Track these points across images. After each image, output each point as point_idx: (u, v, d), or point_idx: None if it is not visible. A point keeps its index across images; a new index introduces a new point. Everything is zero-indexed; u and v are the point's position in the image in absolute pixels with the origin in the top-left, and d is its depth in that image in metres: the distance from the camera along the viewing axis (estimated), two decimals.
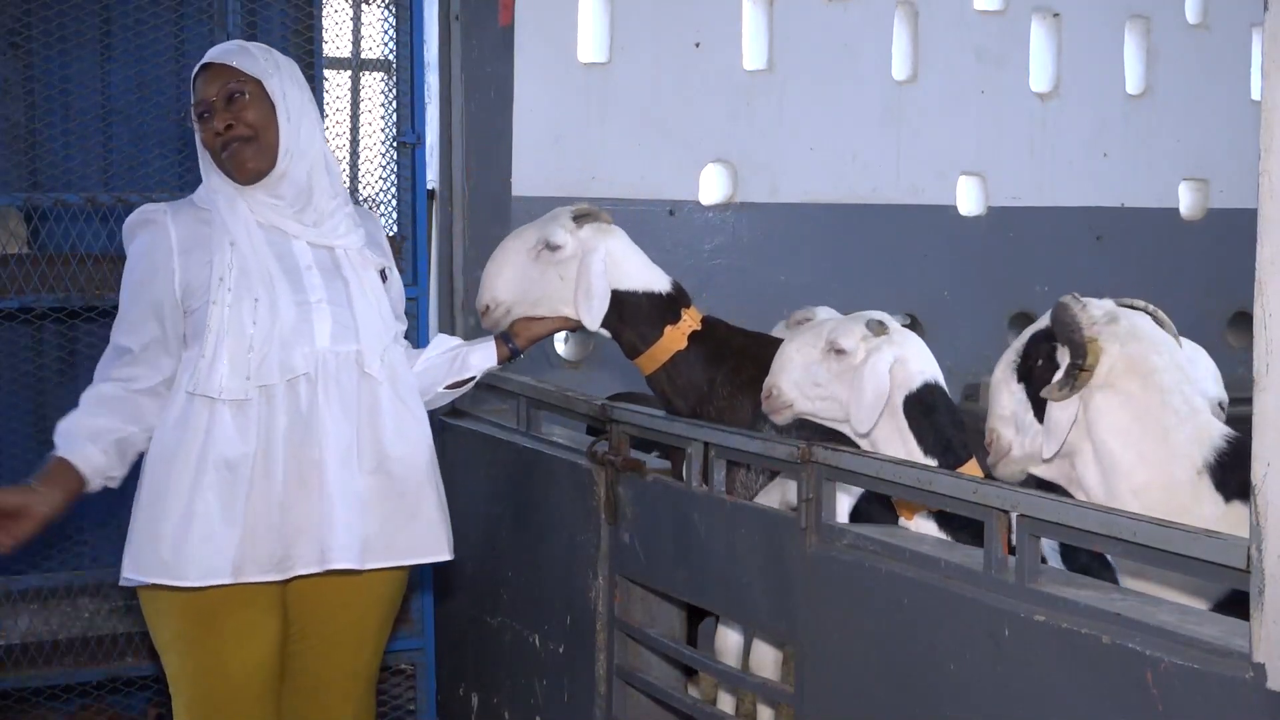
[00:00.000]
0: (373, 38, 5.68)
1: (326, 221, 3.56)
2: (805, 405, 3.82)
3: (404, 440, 3.56)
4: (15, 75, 5.44)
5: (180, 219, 3.51)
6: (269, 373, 3.40)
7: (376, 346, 3.53)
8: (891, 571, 3.25)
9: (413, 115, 5.24)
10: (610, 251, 4.22)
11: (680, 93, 6.97)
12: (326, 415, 3.43)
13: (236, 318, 3.40)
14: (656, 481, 4.18)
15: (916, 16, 7.42)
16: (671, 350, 4.23)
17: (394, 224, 5.31)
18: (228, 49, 3.58)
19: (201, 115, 3.51)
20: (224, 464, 3.38)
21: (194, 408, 3.41)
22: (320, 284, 3.51)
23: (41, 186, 5.14)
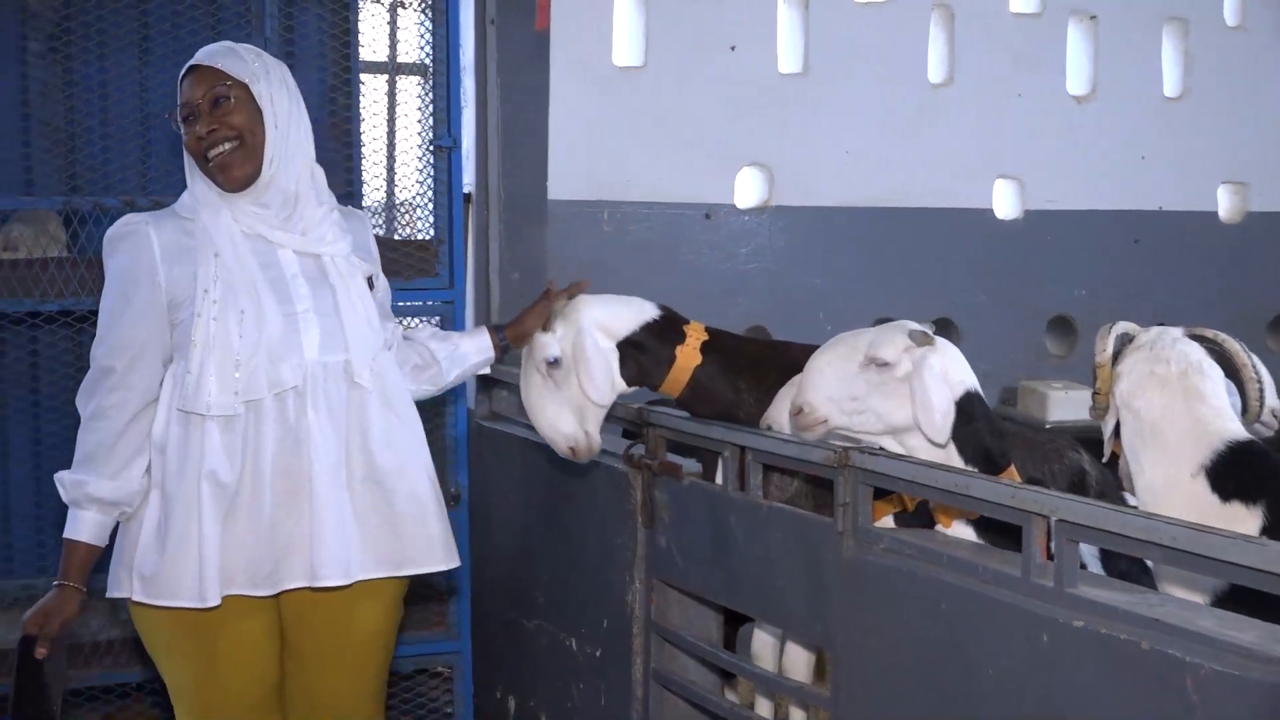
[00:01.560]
0: (409, 42, 5.69)
1: (313, 229, 3.47)
2: (841, 420, 3.69)
3: (394, 450, 3.48)
4: (55, 79, 5.47)
5: (163, 229, 3.40)
6: (257, 387, 3.33)
7: (365, 355, 3.45)
8: (929, 576, 3.24)
9: (449, 119, 5.25)
10: (592, 322, 4.14)
11: (715, 96, 6.98)
12: (315, 428, 3.36)
13: (223, 331, 3.32)
14: (693, 485, 4.18)
15: (952, 19, 7.42)
16: (690, 367, 4.19)
17: (430, 227, 5.32)
18: (215, 51, 3.47)
19: (186, 118, 3.42)
20: (213, 482, 3.31)
21: (181, 424, 3.35)
22: (307, 293, 3.42)
23: (80, 190, 5.16)
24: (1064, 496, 3.00)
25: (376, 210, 5.83)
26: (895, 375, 3.65)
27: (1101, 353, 3.81)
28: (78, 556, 3.39)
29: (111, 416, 3.37)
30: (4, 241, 4.96)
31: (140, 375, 3.38)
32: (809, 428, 3.69)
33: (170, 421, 3.37)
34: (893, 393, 3.64)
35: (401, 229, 5.67)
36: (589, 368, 4.08)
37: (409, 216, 5.60)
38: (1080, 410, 4.28)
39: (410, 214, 5.56)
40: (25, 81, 5.54)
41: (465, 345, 4.00)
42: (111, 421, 3.37)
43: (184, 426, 3.35)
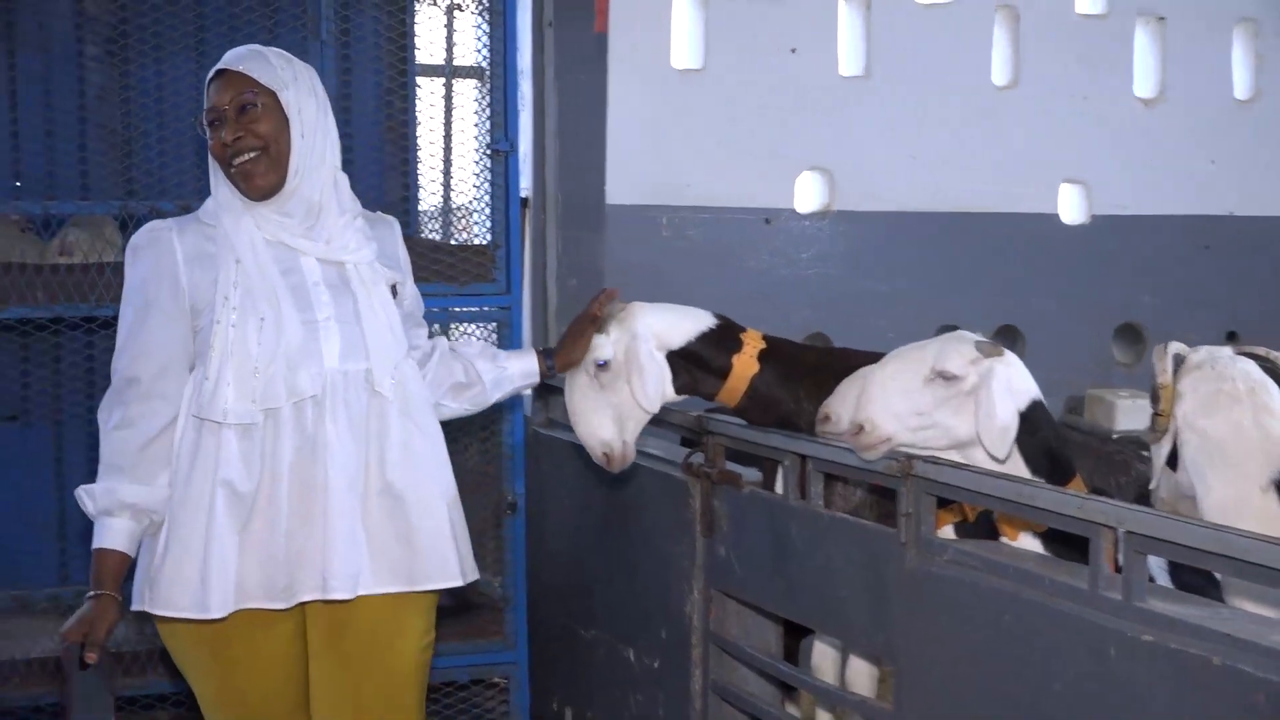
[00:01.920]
0: (466, 44, 5.70)
1: (337, 238, 3.44)
2: (905, 437, 3.64)
3: (412, 462, 3.44)
4: (111, 83, 5.52)
5: (186, 235, 3.39)
6: (275, 395, 3.30)
7: (387, 364, 3.42)
8: (993, 588, 3.22)
9: (506, 123, 5.25)
10: (645, 329, 4.14)
11: (776, 99, 6.97)
12: (334, 438, 3.33)
13: (241, 338, 3.30)
14: (753, 494, 4.17)
15: (1017, 20, 7.38)
16: (747, 376, 4.19)
17: (487, 232, 5.32)
18: (243, 55, 3.43)
19: (212, 123, 3.39)
20: (230, 491, 3.29)
21: (199, 432, 3.33)
22: (328, 301, 3.39)
23: (137, 194, 5.21)
24: (1132, 508, 2.97)
25: (432, 215, 5.85)
26: (962, 389, 3.62)
27: (1163, 373, 3.78)
28: (110, 565, 3.36)
29: (140, 425, 3.35)
30: (60, 246, 5.00)
31: (169, 383, 3.36)
32: (871, 446, 3.63)
33: (185, 427, 3.35)
34: (960, 407, 3.60)
35: (458, 234, 5.69)
36: (642, 375, 4.08)
37: (465, 221, 5.62)
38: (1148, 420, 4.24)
39: (466, 219, 5.58)
40: (82, 86, 5.61)
41: (512, 367, 3.95)
42: (140, 430, 3.35)
43: (198, 433, 3.32)
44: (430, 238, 5.78)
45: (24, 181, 5.59)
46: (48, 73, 5.61)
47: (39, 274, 4.78)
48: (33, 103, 5.60)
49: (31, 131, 5.58)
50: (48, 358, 5.49)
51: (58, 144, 5.54)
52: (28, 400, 5.63)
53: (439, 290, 5.07)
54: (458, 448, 5.42)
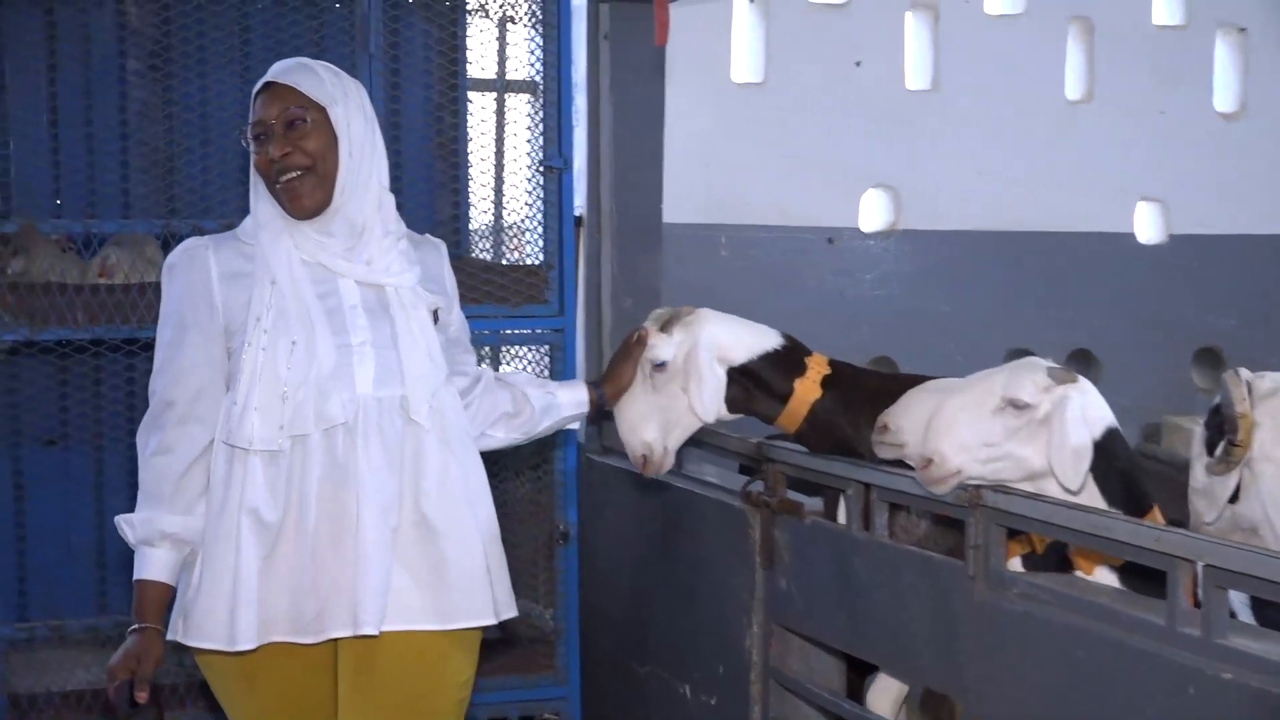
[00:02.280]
0: (518, 58, 5.72)
1: (379, 259, 3.42)
2: (975, 470, 3.57)
3: (449, 492, 3.41)
4: (155, 98, 5.55)
5: (222, 253, 3.39)
6: (303, 422, 3.27)
7: (424, 391, 3.39)
8: (1066, 623, 3.20)
9: (560, 138, 5.26)
10: (708, 338, 4.14)
11: (839, 114, 6.96)
12: (365, 467, 3.30)
13: (271, 361, 3.29)
14: (815, 524, 4.16)
15: (1091, 32, 7.36)
16: (809, 401, 4.17)
17: (540, 252, 5.33)
18: (292, 68, 3.41)
19: (258, 137, 3.37)
20: (255, 520, 3.28)
21: (225, 457, 3.32)
22: (365, 325, 3.37)
23: (179, 213, 5.23)
24: (1212, 540, 2.95)
25: (483, 234, 5.87)
26: (1034, 418, 3.55)
27: (1241, 401, 3.72)
28: (152, 597, 3.36)
29: (177, 451, 3.35)
30: (100, 266, 5.04)
31: (207, 407, 3.35)
32: (940, 480, 3.58)
33: (217, 453, 3.34)
34: (1032, 436, 3.54)
35: (509, 254, 5.70)
36: (700, 384, 4.09)
37: (517, 240, 5.63)
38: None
39: (519, 238, 5.59)
40: (124, 101, 5.65)
41: (562, 397, 3.96)
42: (177, 456, 3.35)
43: (228, 460, 3.31)
44: (481, 257, 5.80)
45: (64, 199, 5.64)
46: (89, 87, 5.65)
47: (79, 294, 4.81)
48: (73, 118, 5.64)
49: (72, 148, 5.62)
50: (87, 381, 5.52)
51: (99, 160, 5.58)
52: (67, 424, 5.66)
53: (490, 312, 5.08)
54: (508, 475, 5.43)
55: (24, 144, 5.48)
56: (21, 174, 5.43)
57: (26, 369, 5.42)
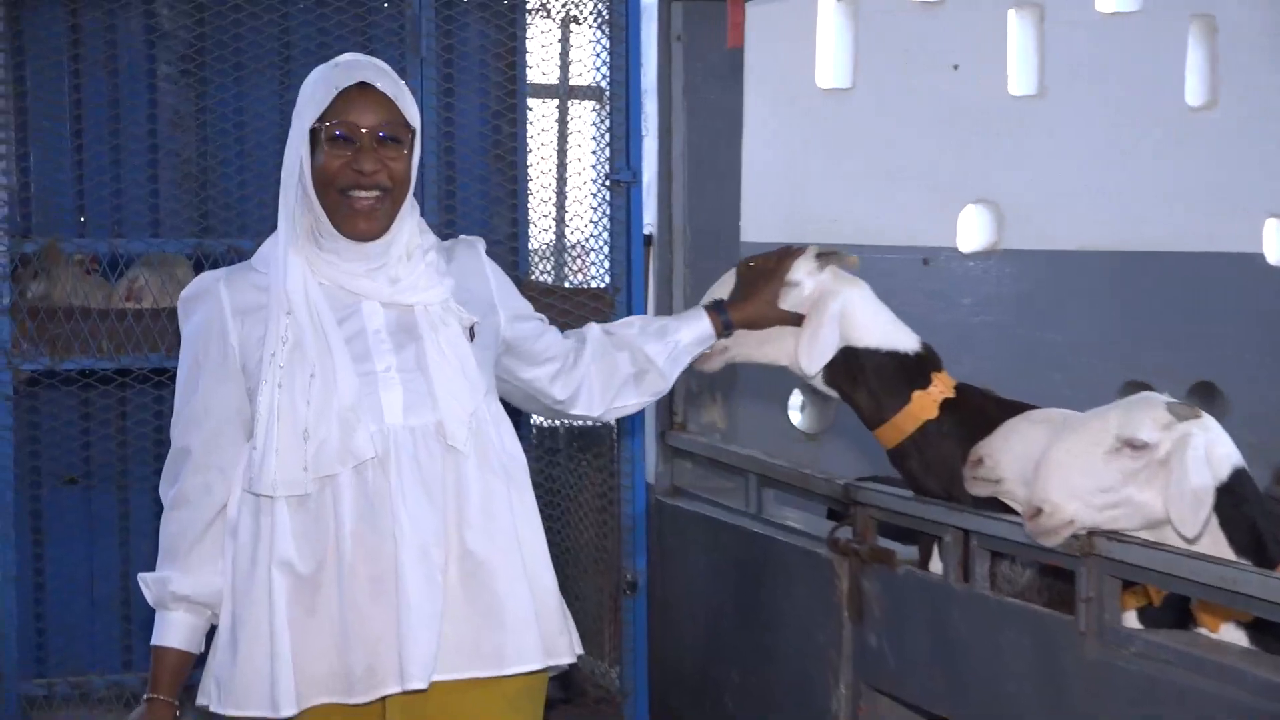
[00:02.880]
0: (583, 61, 5.75)
1: (405, 277, 3.39)
2: (1090, 518, 3.52)
3: (496, 523, 3.39)
4: (187, 107, 5.60)
5: (235, 286, 3.37)
6: (329, 460, 3.25)
7: (460, 414, 3.35)
8: (1189, 685, 3.17)
9: (628, 149, 5.28)
10: (849, 300, 4.19)
11: (935, 122, 6.94)
12: (400, 504, 3.28)
13: (289, 399, 3.27)
14: (908, 575, 4.15)
15: (1214, 32, 7.30)
16: (920, 419, 4.16)
17: (606, 274, 5.34)
18: (385, 74, 3.39)
19: (335, 136, 3.31)
20: (288, 573, 3.27)
21: (251, 508, 3.31)
22: (390, 349, 3.34)
23: (213, 231, 5.27)
24: None
25: (544, 254, 5.88)
26: (1155, 458, 3.50)
27: None
28: (168, 665, 3.37)
29: (194, 503, 3.35)
30: (127, 289, 5.07)
31: (225, 454, 3.35)
32: (1052, 531, 3.54)
33: (241, 505, 3.33)
34: (1151, 479, 3.48)
35: (572, 275, 5.71)
36: (819, 332, 4.10)
37: (581, 261, 5.65)
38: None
39: (583, 258, 5.61)
40: (154, 109, 5.68)
41: (684, 336, 3.94)
42: (195, 509, 3.35)
43: (254, 511, 3.30)
44: (541, 280, 5.82)
45: (88, 216, 5.68)
46: (116, 95, 5.69)
47: (104, 320, 4.85)
48: (99, 128, 5.68)
49: (97, 160, 5.67)
50: (112, 414, 5.57)
51: (126, 174, 5.62)
52: (90, 462, 5.71)
53: None
54: (570, 519, 5.44)
55: (45, 156, 5.54)
56: (43, 189, 5.49)
57: (47, 401, 5.46)
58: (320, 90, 3.32)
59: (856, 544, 4.31)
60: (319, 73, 3.37)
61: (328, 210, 3.31)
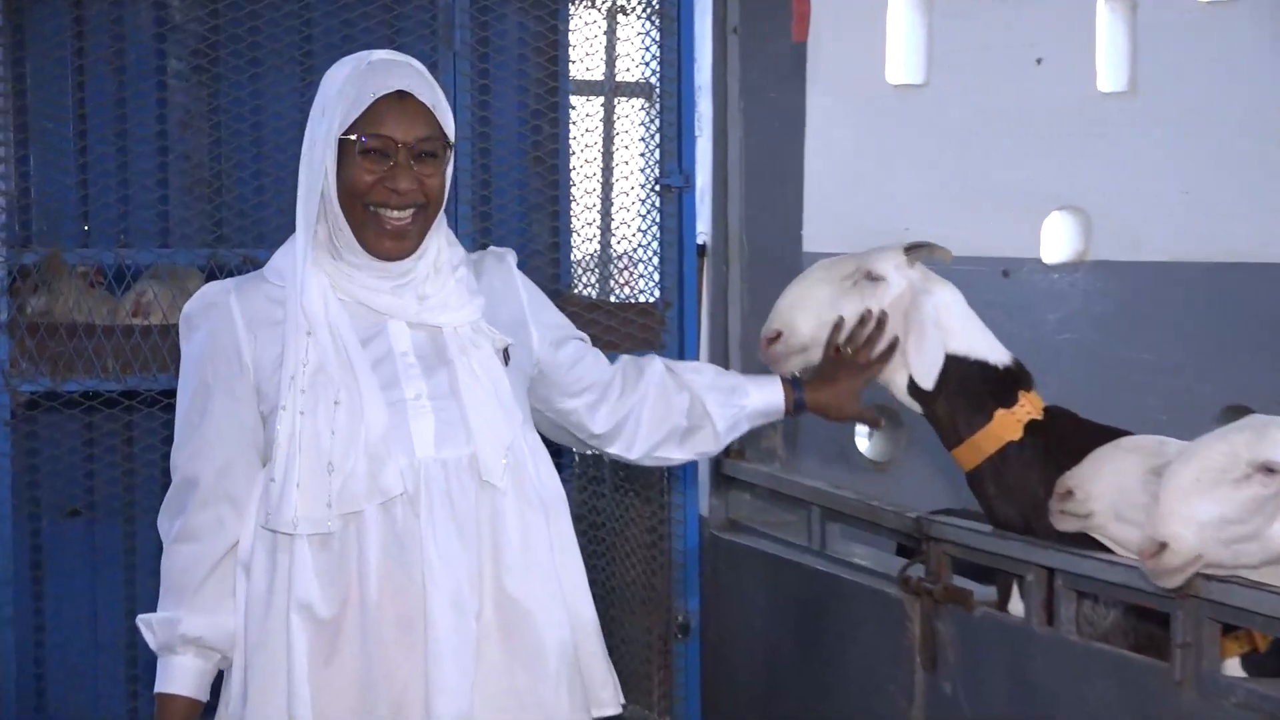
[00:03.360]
0: (631, 55, 5.73)
1: (433, 295, 3.37)
2: (1218, 554, 3.43)
3: (534, 564, 3.37)
4: (199, 106, 5.60)
5: (248, 298, 3.33)
6: (354, 497, 3.23)
7: (496, 446, 3.34)
8: None
9: (679, 151, 5.26)
10: (942, 302, 4.19)
11: (1016, 121, 6.92)
12: (431, 544, 3.25)
13: (312, 427, 3.24)
14: (986, 617, 4.13)
15: None
16: (1002, 440, 4.13)
17: (655, 287, 5.32)
18: (424, 80, 3.36)
19: (371, 151, 3.28)
20: (308, 617, 3.24)
21: (267, 545, 3.28)
22: (419, 374, 3.32)
23: (227, 241, 5.27)
24: None
25: (588, 266, 5.86)
26: None
27: None
28: (174, 713, 3.35)
29: (203, 538, 3.32)
30: (135, 304, 5.07)
31: (238, 484, 3.31)
32: (1176, 571, 3.44)
33: (256, 541, 3.30)
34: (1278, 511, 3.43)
35: (618, 289, 5.69)
36: (924, 335, 4.11)
37: (628, 274, 5.63)
38: None
39: (630, 270, 5.59)
40: (164, 109, 5.68)
41: (753, 401, 3.90)
42: (204, 544, 3.32)
43: (270, 548, 3.27)
44: (585, 294, 5.80)
45: (93, 225, 5.68)
46: (123, 93, 5.69)
47: (109, 338, 4.85)
48: (104, 130, 5.69)
49: (102, 164, 5.67)
50: (118, 440, 5.56)
51: (133, 179, 5.62)
52: (94, 492, 5.69)
53: None
54: (616, 556, 5.42)
55: (47, 159, 5.56)
56: (44, 195, 5.50)
57: (47, 425, 5.47)
58: (352, 93, 3.28)
59: (929, 583, 4.30)
60: (350, 70, 3.30)
61: (353, 225, 3.28)
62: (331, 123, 3.26)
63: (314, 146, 3.29)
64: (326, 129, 3.26)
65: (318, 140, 3.28)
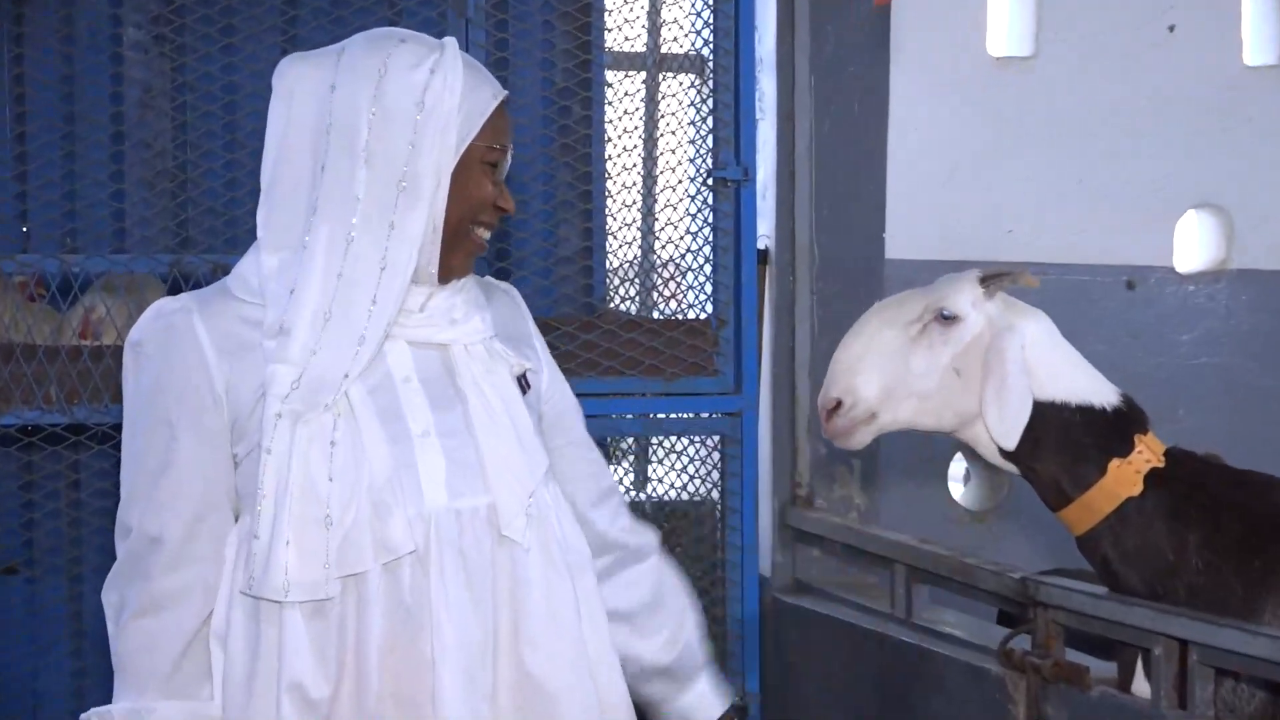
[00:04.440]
0: (678, 23, 5.74)
1: (438, 305, 3.38)
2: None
3: (559, 638, 3.37)
4: (160, 81, 5.62)
5: (214, 318, 3.29)
6: (357, 556, 3.21)
7: (518, 493, 3.33)
8: None
9: (737, 138, 5.27)
10: (1032, 336, 4.15)
11: (1143, 101, 6.91)
12: (443, 611, 3.24)
13: (304, 472, 3.20)
14: (1105, 698, 4.12)
15: None
16: (1120, 497, 4.09)
17: (707, 300, 5.32)
18: None
19: (492, 162, 3.35)
20: (299, 698, 3.21)
21: (249, 612, 3.25)
22: (424, 405, 3.31)
23: (194, 245, 5.28)
24: None
25: (626, 276, 5.86)
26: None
27: None
28: None
29: (173, 608, 3.27)
30: (83, 321, 5.09)
31: (206, 543, 3.27)
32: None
33: (232, 608, 3.28)
34: None
35: (663, 303, 5.70)
36: (1004, 384, 4.06)
37: (675, 285, 5.63)
38: None
39: (678, 280, 5.59)
40: (119, 86, 5.69)
41: (695, 689, 3.82)
42: (174, 616, 3.27)
43: (253, 616, 3.25)
44: (623, 309, 5.80)
45: (32, 227, 5.70)
46: (70, 69, 5.71)
47: (52, 361, 4.87)
48: (49, 114, 5.69)
49: (45, 155, 5.67)
50: (63, 483, 5.57)
51: (82, 171, 5.63)
52: (33, 545, 5.71)
53: (635, 388, 5.09)
54: None
55: None
56: None
57: None
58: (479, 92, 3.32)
59: (1037, 657, 4.29)
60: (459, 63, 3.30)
61: (444, 244, 3.30)
62: (448, 122, 3.27)
63: (387, 142, 3.25)
64: (439, 132, 3.26)
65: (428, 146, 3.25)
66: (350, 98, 3.21)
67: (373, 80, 3.22)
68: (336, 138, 3.21)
